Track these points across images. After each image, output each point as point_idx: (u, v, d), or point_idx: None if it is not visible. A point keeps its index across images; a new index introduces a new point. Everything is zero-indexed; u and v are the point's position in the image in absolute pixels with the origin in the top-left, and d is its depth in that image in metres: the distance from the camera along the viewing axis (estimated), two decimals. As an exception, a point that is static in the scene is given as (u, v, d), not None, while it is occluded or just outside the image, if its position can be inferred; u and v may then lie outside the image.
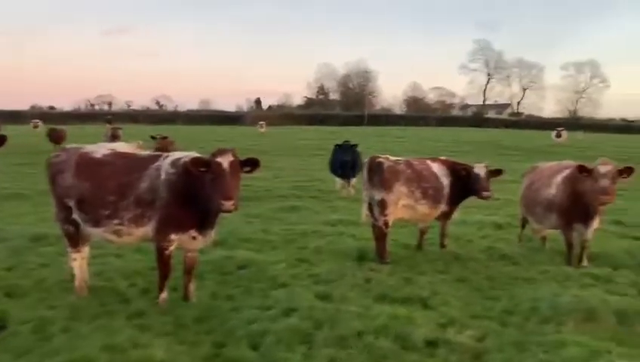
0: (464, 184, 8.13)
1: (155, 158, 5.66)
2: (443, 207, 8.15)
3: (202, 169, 5.14)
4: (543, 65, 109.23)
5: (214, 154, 5.19)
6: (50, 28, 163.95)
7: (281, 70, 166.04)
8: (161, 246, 5.48)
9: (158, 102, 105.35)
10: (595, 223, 7.61)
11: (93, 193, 5.52)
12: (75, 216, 5.70)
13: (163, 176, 5.45)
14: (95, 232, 5.68)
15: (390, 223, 7.74)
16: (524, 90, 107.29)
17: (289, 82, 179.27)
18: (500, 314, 5.66)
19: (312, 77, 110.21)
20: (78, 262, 5.94)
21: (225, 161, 5.12)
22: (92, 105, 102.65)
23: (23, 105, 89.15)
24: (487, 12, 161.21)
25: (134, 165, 5.61)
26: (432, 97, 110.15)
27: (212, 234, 5.80)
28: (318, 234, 9.42)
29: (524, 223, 9.17)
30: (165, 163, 5.55)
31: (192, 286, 5.88)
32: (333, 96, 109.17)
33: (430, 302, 5.88)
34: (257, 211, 11.77)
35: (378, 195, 7.68)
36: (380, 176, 7.65)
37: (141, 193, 5.44)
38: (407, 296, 6.00)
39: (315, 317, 5.09)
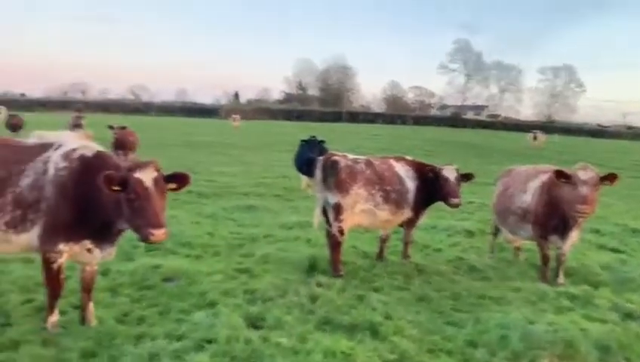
0: (431, 188, 7.22)
1: (44, 149, 4.58)
2: (407, 213, 7.22)
3: (116, 188, 4.07)
4: (521, 69, 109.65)
5: (131, 169, 4.14)
6: (30, 13, 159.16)
7: (261, 64, 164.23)
8: (48, 257, 4.42)
9: (133, 92, 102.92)
10: (574, 236, 6.78)
11: None
12: None
13: (51, 172, 4.39)
14: None
15: (346, 230, 6.78)
16: (502, 92, 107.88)
17: (269, 77, 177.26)
18: (463, 346, 4.74)
19: (291, 72, 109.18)
20: (-49, 274, 4.86)
21: (147, 177, 4.08)
22: (65, 93, 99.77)
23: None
24: (467, 13, 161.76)
25: (16, 156, 4.52)
26: (410, 96, 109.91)
27: (112, 252, 4.77)
28: (270, 238, 8.45)
29: (496, 231, 8.31)
30: (56, 155, 4.48)
31: (90, 307, 4.82)
32: (312, 91, 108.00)
33: (381, 329, 4.92)
34: (210, 210, 10.75)
35: (332, 198, 6.72)
36: (335, 177, 6.69)
37: (22, 191, 4.37)
38: (354, 322, 5.03)
39: (232, 353, 4.10)
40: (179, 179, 4.43)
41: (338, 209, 6.67)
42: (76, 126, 25.67)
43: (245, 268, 6.80)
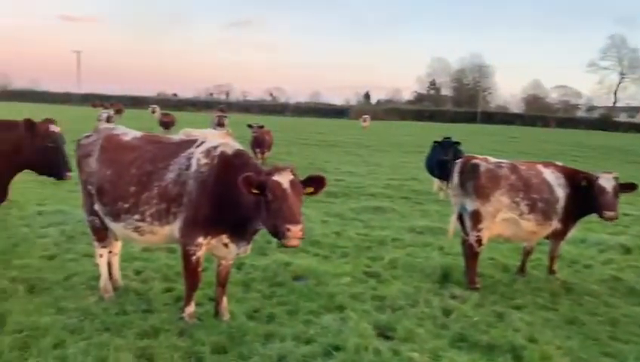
0: (585, 198, 6.40)
1: (188, 145, 4.76)
2: (555, 225, 6.48)
3: (256, 191, 4.10)
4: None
5: (270, 173, 4.15)
6: (178, 21, 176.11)
7: (392, 65, 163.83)
8: (188, 249, 4.58)
9: (271, 94, 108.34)
10: None
11: (112, 182, 4.78)
12: (96, 207, 5.00)
13: (193, 167, 4.54)
14: (115, 228, 4.93)
15: (484, 240, 6.27)
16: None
17: (400, 77, 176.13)
18: (626, 385, 4.07)
19: (424, 72, 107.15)
20: (105, 258, 5.26)
21: (284, 179, 4.08)
22: (211, 94, 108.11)
23: (150, 92, 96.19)
24: (626, 4, 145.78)
25: (163, 152, 4.76)
26: (554, 96, 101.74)
27: (247, 249, 4.83)
28: (399, 243, 8.16)
29: (662, 251, 7.19)
30: (197, 151, 4.63)
31: (224, 301, 4.93)
32: (445, 91, 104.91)
33: (525, 353, 4.41)
34: (339, 209, 10.73)
35: (471, 205, 6.24)
36: (474, 182, 6.21)
37: (166, 185, 4.58)
38: (494, 342, 4.57)
39: (360, 364, 3.90)
40: (315, 183, 4.34)
41: (477, 217, 6.18)
42: (219, 125, 27.47)
43: (373, 272, 6.61)
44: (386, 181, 15.56)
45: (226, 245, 4.62)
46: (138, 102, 71.47)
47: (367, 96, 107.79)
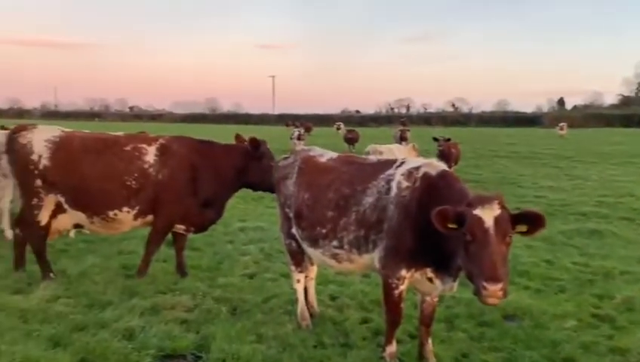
0: None
1: (387, 166, 4.31)
2: None
3: (452, 226, 3.45)
4: None
5: (471, 203, 3.43)
6: (358, 41, 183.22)
7: (589, 67, 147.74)
8: (390, 282, 4.10)
9: (453, 105, 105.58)
10: None
11: (310, 206, 4.55)
12: (294, 230, 4.84)
13: (394, 191, 4.07)
14: (312, 253, 4.69)
15: None
16: None
17: (599, 80, 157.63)
18: None
19: (632, 72, 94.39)
20: (302, 284, 5.06)
21: (488, 216, 3.35)
22: (392, 108, 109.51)
23: (335, 109, 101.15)
24: None
25: (360, 174, 4.40)
26: None
27: (454, 286, 4.18)
28: (630, 276, 6.74)
29: None
30: (398, 173, 4.14)
31: (429, 344, 4.33)
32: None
33: None
34: (545, 232, 9.22)
35: None
36: None
37: (365, 210, 4.19)
38: None
39: None
40: (531, 221, 3.43)
41: None
42: (402, 139, 27.29)
43: (605, 314, 5.42)
44: (597, 198, 13.51)
45: (430, 280, 4.05)
46: (324, 120, 75.13)
47: (561, 101, 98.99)
